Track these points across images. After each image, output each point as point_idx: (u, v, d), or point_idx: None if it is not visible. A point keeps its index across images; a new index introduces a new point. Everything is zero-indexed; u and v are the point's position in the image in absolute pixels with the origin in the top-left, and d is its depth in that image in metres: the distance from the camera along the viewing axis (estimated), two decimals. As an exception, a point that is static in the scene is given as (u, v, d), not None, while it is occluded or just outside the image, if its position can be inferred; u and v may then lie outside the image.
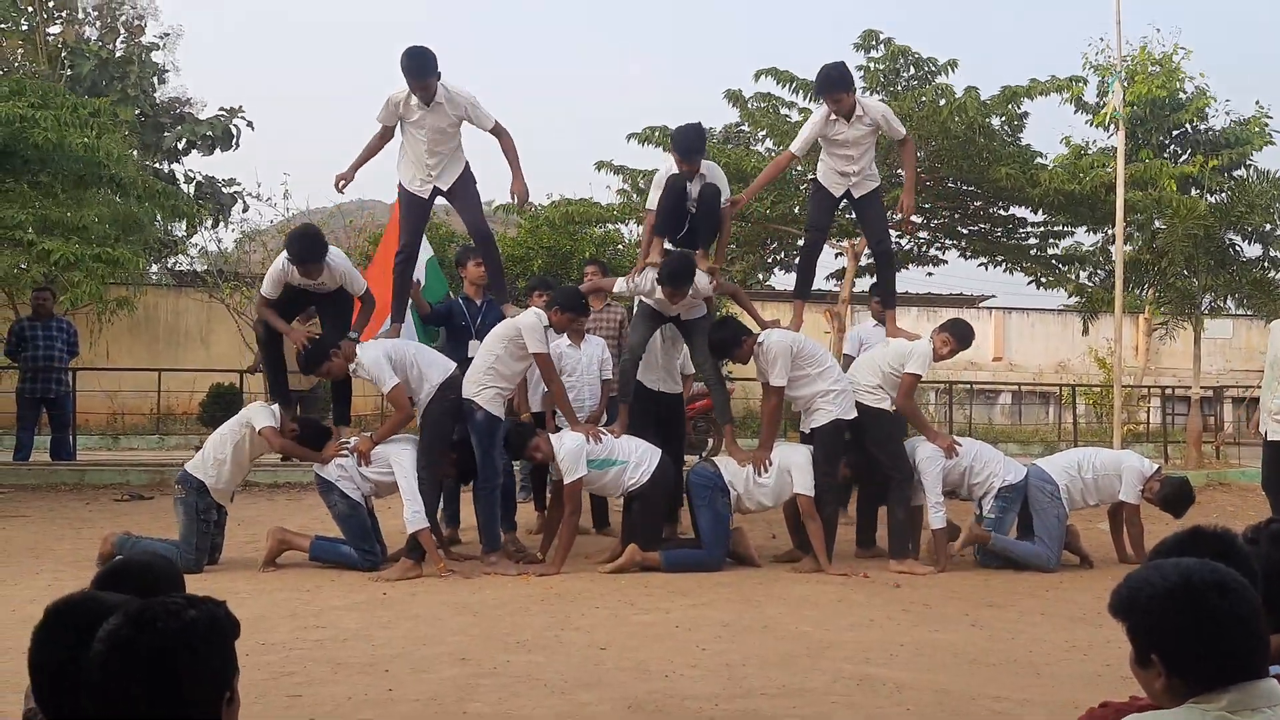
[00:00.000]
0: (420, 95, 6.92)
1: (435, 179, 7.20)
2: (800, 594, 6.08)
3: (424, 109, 6.99)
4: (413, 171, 7.24)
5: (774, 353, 6.82)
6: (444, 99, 6.98)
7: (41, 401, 11.53)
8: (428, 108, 6.99)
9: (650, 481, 6.73)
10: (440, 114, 7.03)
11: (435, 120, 7.03)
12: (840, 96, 7.27)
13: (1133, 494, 7.18)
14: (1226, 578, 1.91)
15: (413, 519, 6.41)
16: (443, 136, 7.11)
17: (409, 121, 7.10)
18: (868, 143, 7.45)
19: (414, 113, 7.04)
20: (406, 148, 7.23)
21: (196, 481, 6.66)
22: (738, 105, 14.00)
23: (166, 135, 24.54)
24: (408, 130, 7.16)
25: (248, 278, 18.72)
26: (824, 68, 7.31)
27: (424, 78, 6.88)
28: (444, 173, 7.20)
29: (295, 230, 7.09)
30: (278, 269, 6.92)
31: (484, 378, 6.70)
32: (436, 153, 7.13)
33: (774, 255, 15.84)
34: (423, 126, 7.05)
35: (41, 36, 23.45)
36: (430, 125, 7.04)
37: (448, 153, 7.18)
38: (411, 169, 7.24)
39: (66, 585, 5.77)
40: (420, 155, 7.14)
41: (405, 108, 7.04)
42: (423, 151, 7.12)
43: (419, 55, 6.87)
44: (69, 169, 10.92)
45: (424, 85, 6.90)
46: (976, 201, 14.03)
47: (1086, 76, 14.16)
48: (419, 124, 7.06)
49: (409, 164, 7.24)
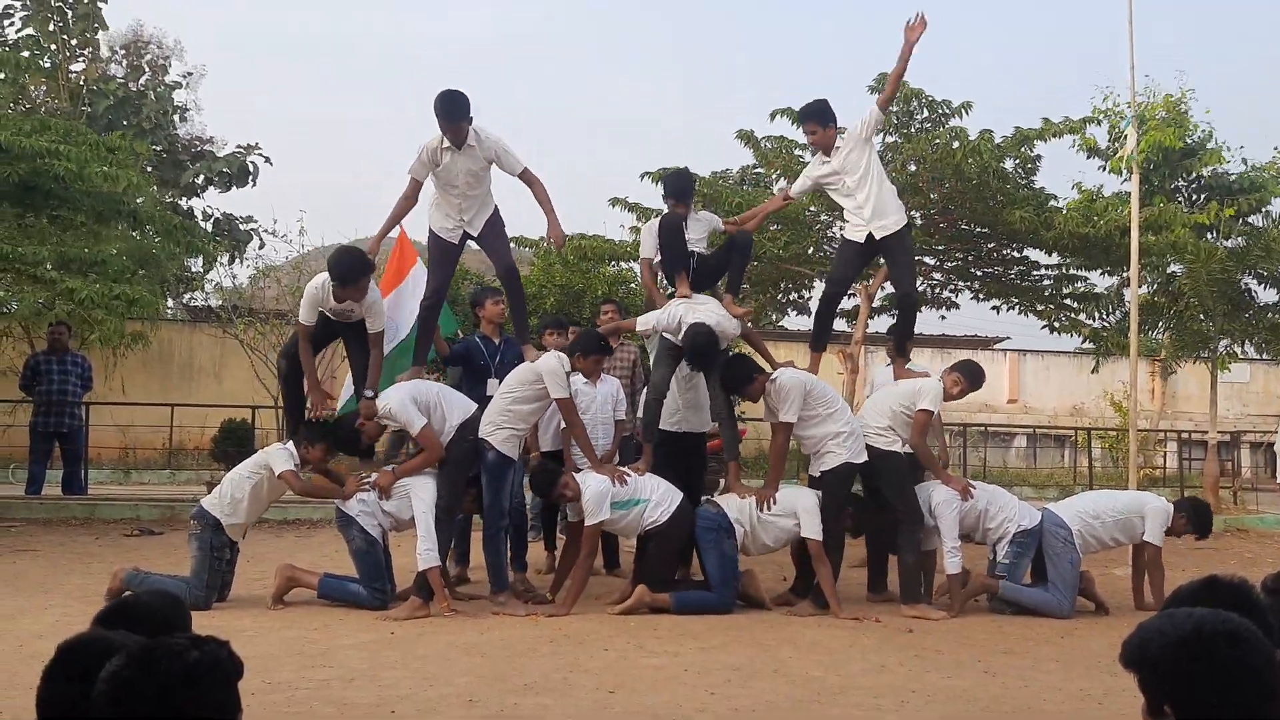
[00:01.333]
0: (452, 138, 6.93)
1: (466, 224, 7.20)
2: (811, 638, 6.02)
3: (454, 152, 7.01)
4: (444, 217, 7.24)
5: (787, 389, 6.80)
6: (474, 141, 7.01)
7: (55, 435, 11.60)
8: (459, 150, 7.01)
9: (669, 521, 6.69)
10: (471, 156, 7.03)
11: (466, 163, 7.04)
12: (814, 128, 7.37)
13: (1158, 535, 7.10)
14: (1239, 628, 1.89)
15: (424, 556, 6.39)
16: (474, 180, 7.11)
17: (440, 169, 7.10)
18: (861, 166, 7.31)
19: (444, 158, 7.05)
20: (438, 197, 7.24)
21: (212, 519, 6.66)
22: (750, 145, 14.06)
23: (185, 172, 24.79)
24: (438, 178, 7.15)
25: (262, 314, 18.79)
26: (806, 105, 7.47)
27: (456, 120, 6.89)
28: (475, 217, 7.21)
29: (340, 249, 7.03)
30: (314, 292, 6.99)
31: (499, 418, 6.71)
32: (469, 196, 7.13)
33: (786, 296, 15.84)
34: (455, 172, 7.05)
35: (65, 74, 23.77)
36: (462, 169, 7.05)
37: (478, 197, 7.18)
38: (443, 215, 7.24)
39: (75, 621, 5.76)
40: (450, 201, 7.14)
41: (439, 155, 7.04)
42: (453, 199, 7.12)
43: (452, 98, 6.90)
44: (88, 204, 11.02)
45: (456, 129, 6.91)
46: (990, 244, 14.02)
47: (1099, 118, 14.19)
48: (450, 171, 7.06)
49: (440, 211, 7.25)
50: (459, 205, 7.15)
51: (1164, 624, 1.93)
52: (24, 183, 10.44)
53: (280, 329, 17.47)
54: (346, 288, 6.74)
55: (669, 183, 7.55)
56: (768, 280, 15.06)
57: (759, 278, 14.94)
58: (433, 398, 6.73)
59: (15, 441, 14.37)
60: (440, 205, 7.24)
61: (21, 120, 11.24)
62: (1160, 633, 1.91)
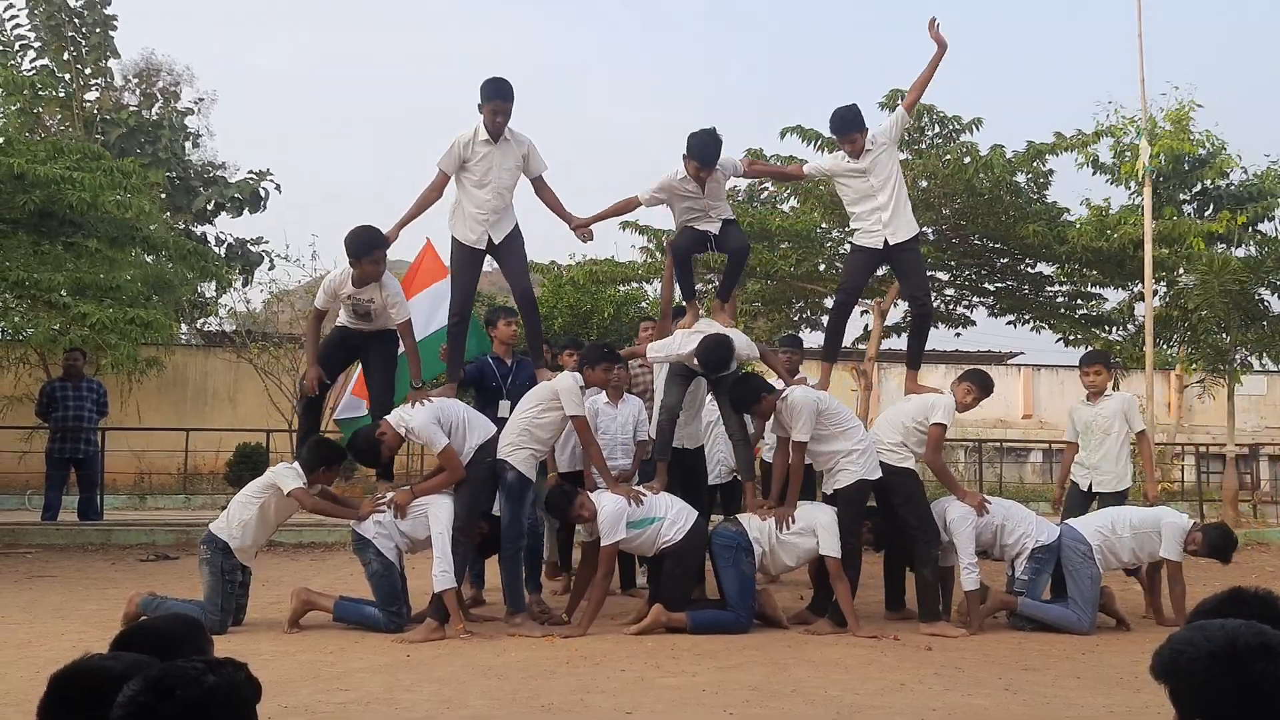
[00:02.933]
0: (500, 120, 6.94)
1: (490, 227, 7.13)
2: (830, 657, 5.97)
3: (490, 146, 7.01)
4: (468, 223, 7.16)
5: (799, 407, 6.77)
6: (510, 136, 7.05)
7: (70, 462, 11.63)
8: (494, 144, 7.01)
9: (684, 540, 6.66)
10: (506, 151, 7.05)
11: (500, 158, 7.04)
12: (855, 138, 7.31)
13: (1175, 550, 7.03)
14: (1273, 640, 1.86)
15: (440, 578, 6.36)
16: (508, 176, 7.10)
17: (473, 163, 7.05)
18: (890, 172, 7.35)
19: (480, 151, 7.03)
20: (462, 200, 7.18)
21: (221, 542, 6.65)
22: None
23: (197, 198, 24.95)
24: (467, 176, 7.10)
25: (276, 337, 18.86)
26: (837, 110, 7.36)
27: (508, 97, 6.94)
28: (500, 222, 7.16)
29: (354, 227, 6.99)
30: (333, 278, 7.07)
31: (518, 439, 6.69)
32: (499, 196, 7.09)
33: (799, 313, 15.83)
34: (490, 168, 7.03)
35: (79, 103, 23.97)
36: (498, 164, 7.04)
37: (505, 204, 7.16)
38: (467, 221, 7.16)
39: (91, 647, 5.72)
40: (481, 202, 7.08)
41: (471, 148, 7.03)
42: (485, 198, 7.07)
43: (503, 80, 6.98)
44: (103, 230, 11.09)
45: (506, 109, 6.93)
46: (1003, 259, 14.01)
47: (1102, 134, 14.18)
48: (485, 167, 7.03)
49: (464, 217, 7.17)
50: (488, 205, 7.08)
51: (1196, 636, 1.90)
52: (40, 210, 10.52)
53: (294, 352, 17.53)
54: (363, 261, 6.80)
55: (695, 146, 7.08)
56: (780, 298, 15.06)
57: (772, 296, 14.96)
58: (457, 418, 6.72)
59: (32, 468, 14.42)
60: (464, 210, 7.16)
61: (37, 147, 11.33)
62: (1192, 644, 1.88)
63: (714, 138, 7.10)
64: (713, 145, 7.09)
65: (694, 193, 7.26)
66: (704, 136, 7.10)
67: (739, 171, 7.72)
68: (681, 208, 7.39)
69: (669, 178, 7.26)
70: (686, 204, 7.35)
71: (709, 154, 7.10)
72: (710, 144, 7.10)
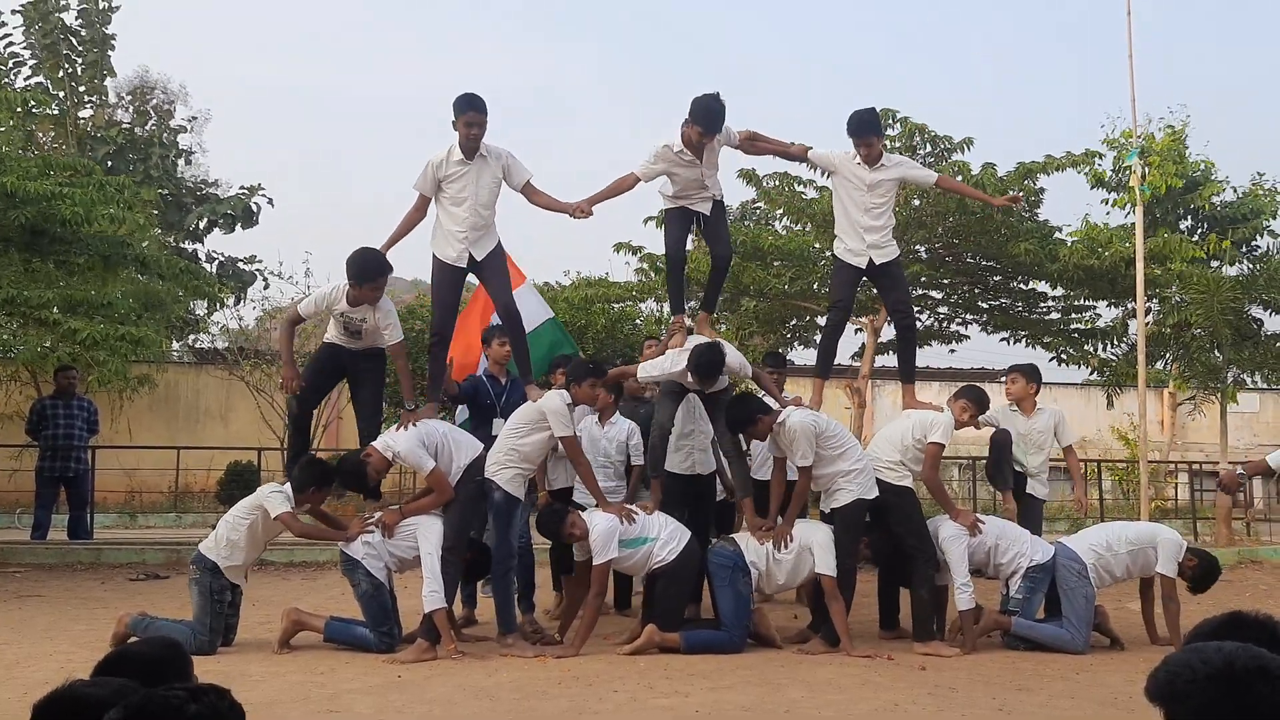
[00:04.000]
0: (475, 136, 6.90)
1: (471, 245, 7.06)
2: (823, 677, 5.94)
3: (466, 165, 6.97)
4: (448, 241, 7.09)
5: (796, 433, 6.73)
6: (486, 152, 7.01)
7: (60, 480, 11.56)
8: (470, 162, 6.97)
9: (677, 560, 6.63)
10: (483, 167, 6.99)
11: (477, 175, 6.98)
12: (873, 141, 7.34)
13: (1171, 566, 7.01)
14: (1271, 664, 1.84)
15: (430, 598, 6.33)
16: (486, 193, 7.04)
17: (449, 182, 7.00)
18: (889, 197, 7.41)
19: (455, 170, 6.98)
20: (442, 218, 7.13)
21: (210, 562, 6.61)
22: (753, 184, 14.12)
23: (189, 215, 24.94)
24: (444, 197, 7.06)
25: (268, 355, 18.81)
26: (857, 113, 7.36)
27: (482, 112, 6.90)
28: (480, 241, 7.09)
29: (360, 248, 6.96)
30: (326, 293, 7.06)
31: (505, 458, 6.65)
32: (478, 213, 7.03)
33: (794, 332, 15.84)
34: (467, 185, 6.98)
35: (73, 120, 23.98)
36: (475, 181, 6.98)
37: (485, 221, 7.10)
38: (447, 239, 7.10)
39: (80, 667, 5.68)
40: (460, 219, 7.02)
41: (445, 168, 6.99)
42: (463, 216, 7.00)
43: (475, 94, 6.96)
44: (95, 248, 11.05)
45: (481, 122, 6.89)
46: (996, 277, 14.05)
47: (1103, 150, 14.26)
48: (462, 185, 6.98)
49: (443, 235, 7.11)
50: (466, 223, 7.01)
51: (1193, 658, 1.88)
52: (31, 226, 10.49)
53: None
54: (363, 287, 6.80)
55: (699, 111, 6.92)
56: (775, 316, 15.07)
57: (766, 314, 14.97)
58: (440, 439, 6.69)
59: (22, 486, 14.34)
60: (443, 229, 7.10)
61: (29, 163, 11.31)
62: (1189, 667, 1.86)
63: (719, 103, 6.97)
64: (718, 111, 6.98)
65: (691, 161, 7.18)
66: (708, 101, 6.96)
67: (734, 141, 7.53)
68: (677, 180, 7.31)
69: (664, 149, 7.14)
70: (682, 174, 7.26)
71: (714, 120, 6.99)
72: (716, 109, 6.96)
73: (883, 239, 7.43)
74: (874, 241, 7.40)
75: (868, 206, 7.37)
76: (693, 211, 7.42)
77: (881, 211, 7.40)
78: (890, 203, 7.47)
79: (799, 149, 7.81)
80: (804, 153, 7.83)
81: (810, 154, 7.81)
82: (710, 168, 7.32)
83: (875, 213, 7.38)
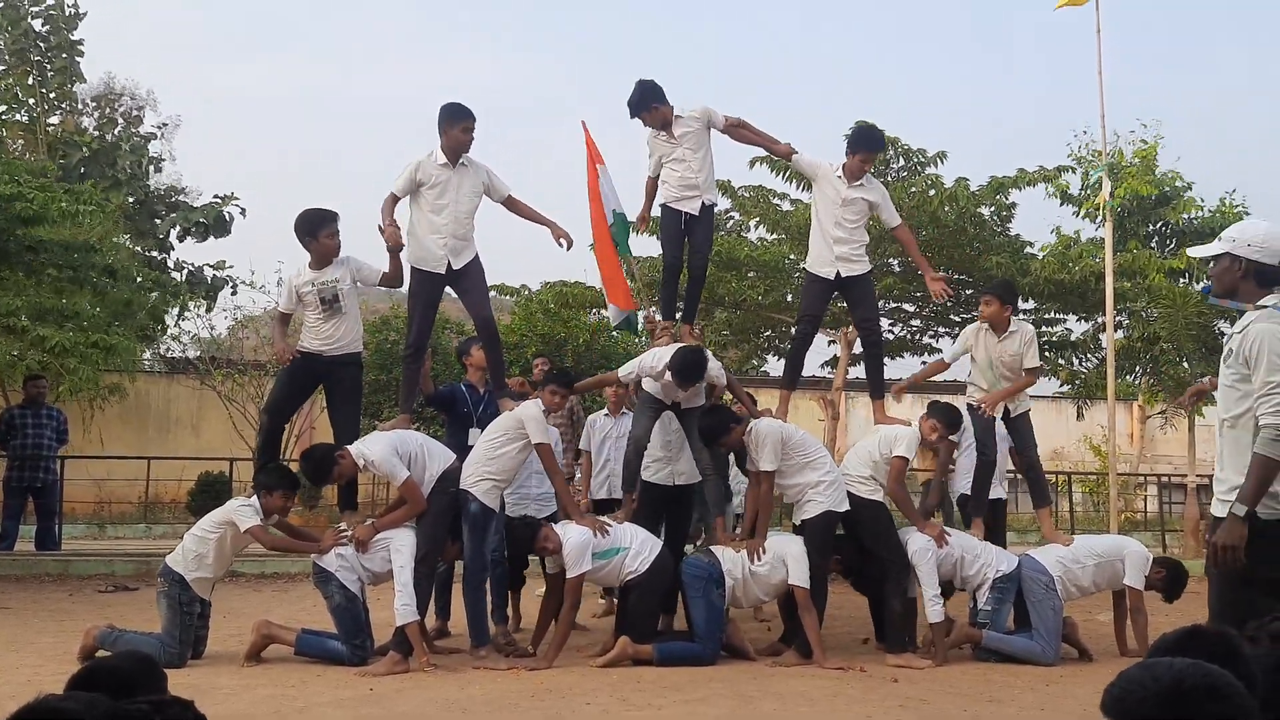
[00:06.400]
0: (460, 143, 6.94)
1: (450, 253, 7.03)
2: (796, 689, 5.96)
3: (449, 170, 6.98)
4: (427, 248, 7.05)
5: (762, 437, 6.79)
6: (467, 162, 7.04)
7: (29, 490, 11.45)
8: (452, 169, 6.98)
9: (649, 571, 6.65)
10: (464, 175, 7.01)
11: (459, 182, 7.00)
12: (867, 156, 7.48)
13: (1139, 579, 7.09)
14: (1220, 682, 1.87)
15: (402, 611, 6.30)
16: (467, 201, 7.04)
17: (428, 188, 6.98)
18: (861, 217, 7.49)
19: (438, 176, 6.97)
20: (418, 225, 7.07)
21: (177, 575, 6.56)
22: (728, 195, 14.19)
23: (160, 223, 24.77)
24: (423, 202, 7.02)
25: (240, 364, 18.71)
26: (864, 126, 7.47)
27: (467, 118, 6.94)
28: (460, 250, 7.07)
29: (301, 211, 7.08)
30: (289, 276, 7.11)
31: (481, 469, 6.65)
32: (457, 220, 7.03)
33: (768, 342, 15.92)
34: (447, 190, 6.97)
35: (42, 127, 23.80)
36: (455, 187, 6.98)
37: (464, 230, 7.08)
38: (425, 246, 7.06)
39: (47, 680, 5.66)
40: (439, 226, 6.99)
41: (425, 172, 6.97)
42: (442, 222, 6.98)
43: (459, 103, 7.00)
44: (63, 257, 10.96)
45: (466, 127, 6.93)
46: (968, 290, 14.17)
47: (1073, 165, 14.43)
48: (442, 190, 6.97)
49: (422, 241, 7.06)
50: (446, 230, 6.99)
51: (1144, 675, 1.91)
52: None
53: (259, 380, 17.39)
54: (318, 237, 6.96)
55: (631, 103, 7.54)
56: (749, 327, 15.14)
57: (740, 325, 15.03)
58: (415, 448, 6.68)
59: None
60: (420, 236, 7.06)
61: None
62: (1140, 684, 1.89)
63: (642, 82, 7.51)
64: (641, 86, 7.48)
65: (671, 141, 7.45)
66: (632, 94, 7.52)
67: (719, 124, 7.63)
68: (668, 173, 7.56)
69: (649, 137, 7.60)
70: (671, 163, 7.53)
71: (641, 93, 7.45)
72: (640, 87, 7.49)
73: (852, 252, 7.50)
74: (842, 254, 7.47)
75: (839, 220, 7.46)
76: (680, 212, 7.53)
77: (854, 227, 7.48)
78: (862, 221, 7.53)
79: (785, 148, 7.91)
80: (789, 153, 7.91)
81: (795, 158, 7.90)
82: (693, 148, 7.49)
83: (846, 226, 7.46)
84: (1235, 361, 4.00)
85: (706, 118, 7.54)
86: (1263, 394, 3.86)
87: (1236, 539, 3.81)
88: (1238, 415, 4.03)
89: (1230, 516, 3.86)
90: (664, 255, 7.92)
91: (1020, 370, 7.62)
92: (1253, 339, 3.94)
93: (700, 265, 7.85)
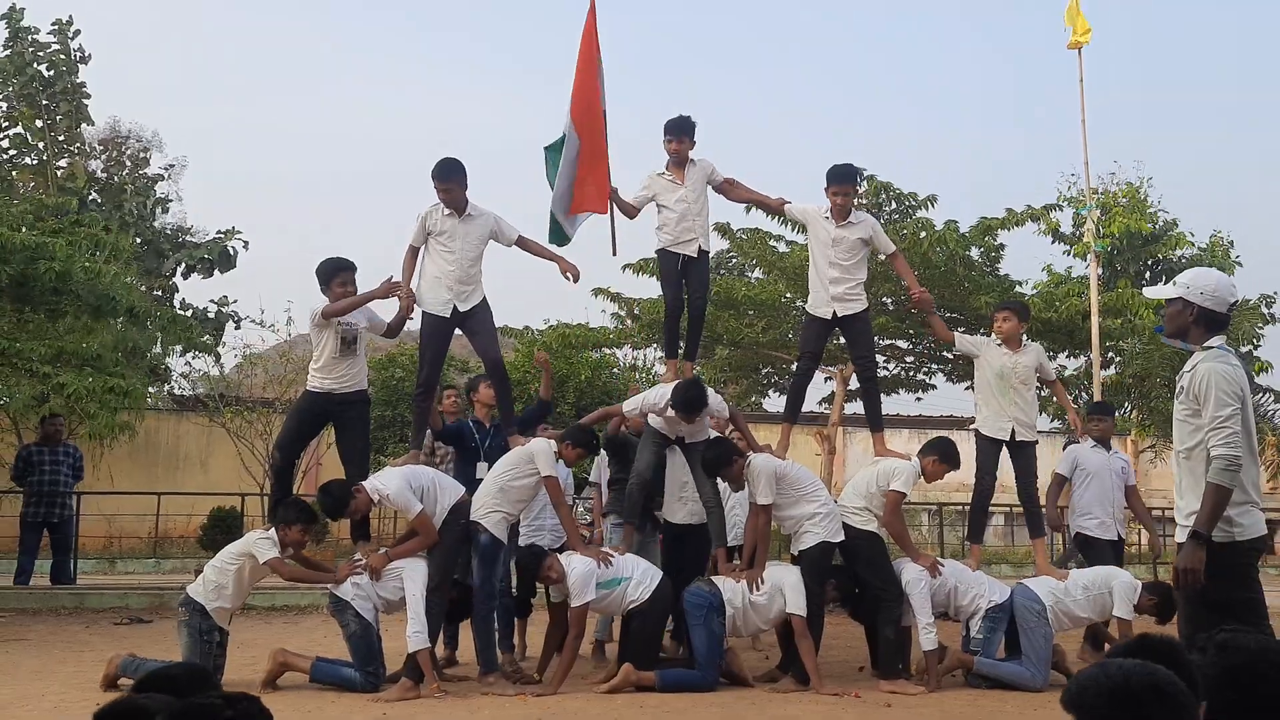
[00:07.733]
0: (446, 200, 7.23)
1: (458, 298, 7.32)
2: (792, 715, 6.15)
3: (455, 219, 7.27)
4: (435, 292, 7.33)
5: (758, 471, 7.03)
6: (473, 211, 7.34)
7: (45, 525, 11.67)
8: (459, 218, 7.28)
9: (650, 600, 6.87)
10: (472, 224, 7.32)
11: (467, 230, 7.30)
12: (847, 190, 7.73)
13: (1127, 609, 7.29)
14: (1163, 681, 2.12)
15: (414, 638, 6.53)
16: (473, 249, 7.33)
17: (436, 236, 7.29)
18: (855, 255, 7.71)
19: (444, 225, 7.28)
20: (428, 269, 7.37)
21: (198, 604, 6.79)
22: (727, 236, 14.51)
23: (165, 261, 25.00)
24: (433, 248, 7.33)
25: (248, 402, 18.94)
26: (838, 163, 7.77)
27: (447, 178, 7.22)
28: (467, 294, 7.34)
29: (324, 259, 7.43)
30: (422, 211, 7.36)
31: (491, 501, 6.92)
32: (466, 268, 7.31)
33: (767, 379, 16.18)
34: (454, 238, 7.27)
35: (52, 170, 24.15)
36: (462, 236, 7.28)
37: (471, 275, 7.36)
38: (434, 290, 7.34)
39: (73, 707, 5.89)
40: (446, 272, 7.29)
41: (433, 220, 7.30)
42: (449, 269, 7.28)
43: (447, 160, 7.30)
44: (84, 299, 11.24)
45: (447, 187, 7.21)
46: (960, 328, 14.43)
47: (1062, 204, 14.76)
48: (449, 237, 7.27)
49: (431, 285, 7.35)
50: (453, 275, 7.29)
51: (1099, 673, 2.17)
52: (18, 279, 10.66)
53: (267, 417, 17.61)
54: (331, 285, 7.25)
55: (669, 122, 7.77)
56: (748, 365, 15.41)
57: (740, 362, 15.30)
58: (427, 482, 6.94)
59: (4, 532, 14.40)
60: (430, 277, 7.36)
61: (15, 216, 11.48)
62: (1095, 681, 2.15)
63: (684, 117, 7.77)
64: (685, 119, 7.74)
65: (673, 181, 7.71)
66: (677, 117, 7.78)
67: (717, 181, 7.96)
68: (665, 214, 7.77)
69: (650, 174, 7.84)
70: (670, 204, 7.74)
71: (681, 124, 7.71)
72: (682, 118, 7.75)
73: (847, 292, 7.74)
74: (837, 294, 7.72)
75: (832, 260, 7.71)
76: (677, 255, 7.80)
77: (851, 265, 7.72)
78: (857, 259, 7.75)
79: (777, 202, 8.30)
80: (781, 206, 8.33)
81: (786, 208, 8.32)
82: (695, 188, 7.75)
83: (841, 266, 7.70)
84: (1186, 398, 4.32)
85: (709, 170, 7.88)
86: (1212, 428, 4.18)
87: (1195, 562, 4.09)
88: (1190, 447, 4.35)
89: (1189, 541, 4.15)
90: (665, 297, 8.19)
91: (1034, 383, 8.03)
92: (1200, 377, 4.27)
93: (699, 306, 8.12)
